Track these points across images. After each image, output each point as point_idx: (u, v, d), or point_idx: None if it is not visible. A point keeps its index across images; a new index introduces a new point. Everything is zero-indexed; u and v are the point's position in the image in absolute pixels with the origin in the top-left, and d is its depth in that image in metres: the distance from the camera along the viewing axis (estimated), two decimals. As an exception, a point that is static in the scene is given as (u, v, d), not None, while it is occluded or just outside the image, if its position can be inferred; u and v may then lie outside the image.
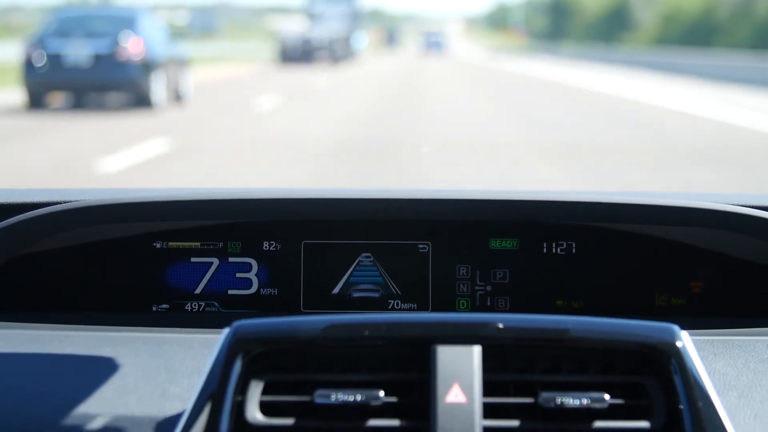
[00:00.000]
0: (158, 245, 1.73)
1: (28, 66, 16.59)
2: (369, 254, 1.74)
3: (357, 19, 59.42)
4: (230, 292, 1.74)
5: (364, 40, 70.96)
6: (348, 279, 1.74)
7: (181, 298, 1.74)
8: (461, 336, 1.19)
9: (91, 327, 1.59)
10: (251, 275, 1.74)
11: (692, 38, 56.06)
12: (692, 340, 1.23)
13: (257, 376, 1.20)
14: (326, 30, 47.94)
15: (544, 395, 1.19)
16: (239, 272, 1.74)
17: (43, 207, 1.67)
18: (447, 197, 1.69)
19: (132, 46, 16.56)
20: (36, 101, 16.76)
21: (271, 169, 10.47)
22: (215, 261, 1.74)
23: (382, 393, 1.19)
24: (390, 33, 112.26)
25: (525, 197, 1.69)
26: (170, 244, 1.73)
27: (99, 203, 1.65)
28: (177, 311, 1.73)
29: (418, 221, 1.72)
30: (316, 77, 32.02)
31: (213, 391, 1.17)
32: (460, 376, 1.16)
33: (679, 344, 1.19)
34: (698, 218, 1.65)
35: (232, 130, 14.32)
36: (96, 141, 12.64)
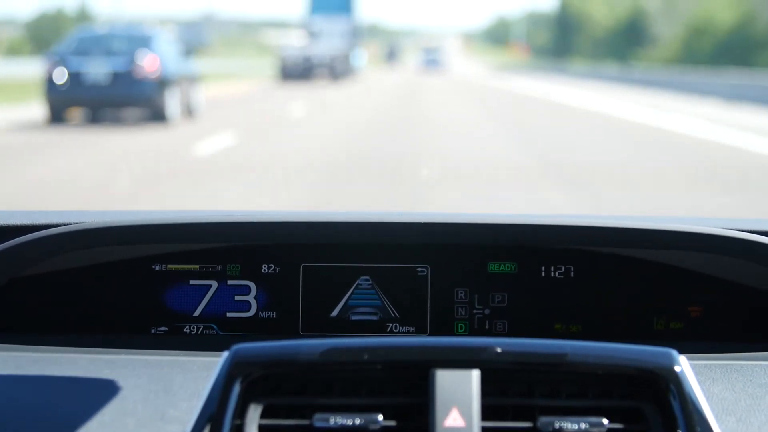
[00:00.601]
0: (157, 268, 1.73)
1: (50, 83, 17.54)
2: (368, 277, 1.74)
3: (356, 35, 59.24)
4: (229, 314, 1.74)
5: (363, 56, 70.25)
6: (346, 302, 1.74)
7: (180, 320, 1.74)
8: (460, 360, 1.19)
9: (90, 349, 1.59)
10: (250, 298, 1.74)
11: (725, 55, 48.72)
12: (690, 364, 1.23)
13: (256, 399, 1.21)
14: (326, 47, 47.78)
15: (543, 420, 1.20)
16: (238, 295, 1.74)
17: (43, 229, 1.67)
18: (446, 221, 1.70)
19: (148, 64, 17.61)
20: (57, 116, 17.77)
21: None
22: (214, 284, 1.74)
23: (380, 417, 1.19)
24: (390, 49, 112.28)
25: (523, 221, 1.70)
26: (169, 266, 1.73)
27: (98, 226, 1.65)
28: (175, 334, 1.74)
29: (416, 245, 1.72)
30: (328, 92, 33.61)
31: (212, 415, 1.18)
32: (458, 400, 1.17)
33: (677, 369, 1.19)
34: (697, 243, 1.66)
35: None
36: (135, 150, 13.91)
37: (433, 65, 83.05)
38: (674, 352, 1.21)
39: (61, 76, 17.55)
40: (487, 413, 1.19)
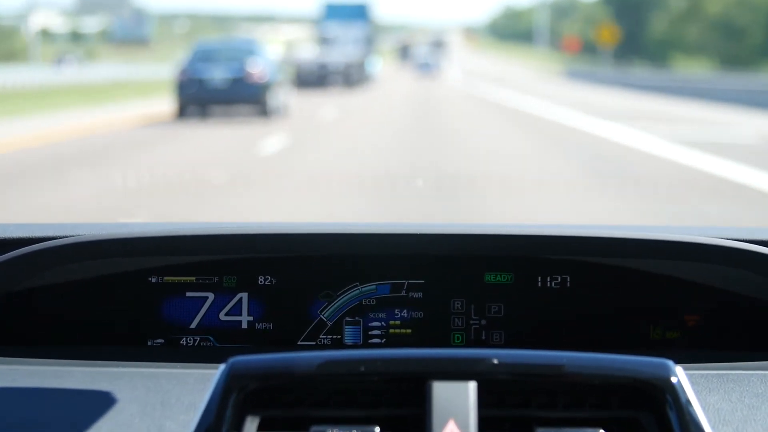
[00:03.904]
0: (153, 280, 1.73)
1: (180, 86, 22.30)
2: (363, 288, 1.74)
3: (371, 42, 58.26)
4: (225, 326, 1.74)
5: (378, 63, 65.99)
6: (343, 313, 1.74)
7: (177, 332, 1.74)
8: (457, 372, 1.19)
9: (87, 362, 1.59)
10: (246, 309, 1.74)
11: None
12: (687, 374, 1.23)
13: (253, 412, 1.21)
14: (341, 54, 46.73)
15: (540, 431, 1.20)
16: (234, 307, 1.74)
17: (39, 242, 1.67)
18: (442, 232, 1.70)
19: (256, 71, 22.44)
20: (183, 112, 22.51)
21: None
22: (210, 295, 1.74)
23: (377, 429, 1.20)
24: (403, 48, 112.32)
25: (519, 232, 1.70)
26: (166, 278, 1.73)
27: (94, 239, 1.65)
28: (172, 346, 1.74)
29: (413, 255, 1.72)
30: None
31: (209, 427, 1.18)
32: (455, 412, 1.17)
33: (673, 380, 1.20)
34: (694, 253, 1.66)
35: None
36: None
37: (426, 69, 73.07)
38: (671, 363, 1.21)
39: (189, 80, 22.21)
40: (484, 425, 1.19)
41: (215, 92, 22.47)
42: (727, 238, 1.69)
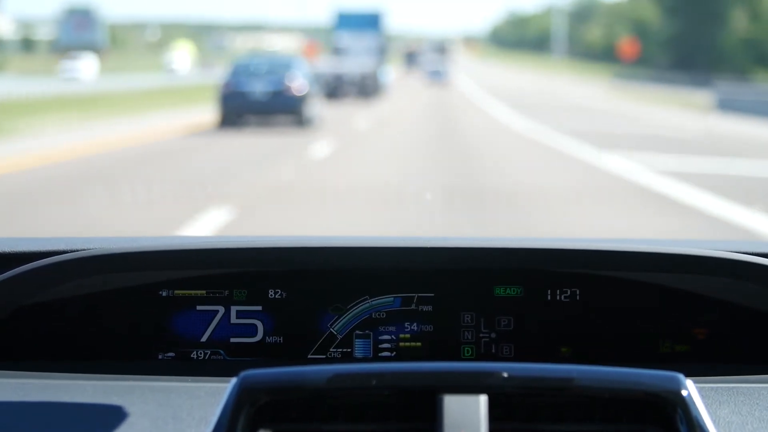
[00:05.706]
0: (164, 293, 1.73)
1: (224, 98, 23.95)
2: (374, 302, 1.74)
3: (383, 52, 57.72)
4: (236, 340, 1.74)
5: (390, 73, 64.30)
6: (353, 327, 1.75)
7: (187, 346, 1.74)
8: (467, 385, 1.20)
9: (98, 376, 1.59)
10: (257, 323, 1.74)
11: None
12: (697, 387, 1.23)
13: (264, 425, 1.21)
14: (356, 65, 46.28)
15: None
16: (245, 320, 1.74)
17: (50, 256, 1.68)
18: (451, 245, 1.70)
19: (295, 85, 24.18)
20: (225, 122, 24.04)
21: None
22: (221, 309, 1.74)
23: None
24: (409, 55, 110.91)
25: (529, 245, 1.70)
26: (176, 292, 1.74)
27: (105, 253, 1.66)
28: (183, 359, 1.74)
29: (422, 269, 1.73)
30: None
31: None
32: (466, 425, 1.17)
33: (684, 393, 1.20)
34: (703, 266, 1.66)
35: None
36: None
37: (436, 77, 71.60)
38: (681, 376, 1.21)
39: (232, 93, 23.85)
40: None
41: (256, 104, 24.22)
42: (736, 252, 1.69)
